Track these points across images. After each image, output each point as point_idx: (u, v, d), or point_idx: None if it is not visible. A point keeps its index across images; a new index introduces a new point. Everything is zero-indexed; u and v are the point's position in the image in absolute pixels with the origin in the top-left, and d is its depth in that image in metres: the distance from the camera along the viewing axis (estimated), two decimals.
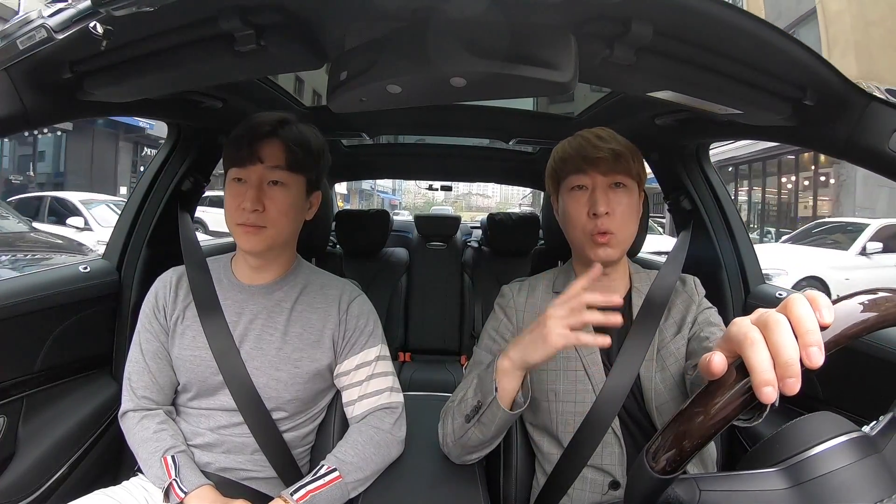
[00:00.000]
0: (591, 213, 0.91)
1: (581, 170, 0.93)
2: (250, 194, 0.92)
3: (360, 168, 2.67)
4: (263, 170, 0.93)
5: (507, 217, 2.53)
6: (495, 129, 1.91)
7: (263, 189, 0.93)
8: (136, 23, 0.63)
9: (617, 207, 0.92)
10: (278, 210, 0.94)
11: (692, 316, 0.96)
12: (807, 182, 12.04)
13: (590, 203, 0.92)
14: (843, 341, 0.41)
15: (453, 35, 0.63)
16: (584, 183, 0.93)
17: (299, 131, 0.97)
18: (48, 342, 1.16)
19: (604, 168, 0.92)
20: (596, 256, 0.93)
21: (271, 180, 0.94)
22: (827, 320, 0.40)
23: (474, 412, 0.85)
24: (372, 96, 0.72)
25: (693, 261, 1.15)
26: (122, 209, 1.44)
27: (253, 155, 0.92)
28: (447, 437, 0.94)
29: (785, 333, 0.40)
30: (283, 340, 0.97)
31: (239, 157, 0.93)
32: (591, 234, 0.92)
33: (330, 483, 0.88)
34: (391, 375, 1.02)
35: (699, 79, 0.76)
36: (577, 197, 0.94)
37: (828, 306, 0.41)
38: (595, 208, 0.91)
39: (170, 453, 0.92)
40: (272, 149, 0.93)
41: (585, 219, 0.92)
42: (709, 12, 0.63)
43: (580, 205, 0.93)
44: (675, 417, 0.47)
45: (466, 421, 0.87)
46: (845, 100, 0.76)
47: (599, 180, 0.92)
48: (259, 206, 0.92)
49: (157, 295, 1.02)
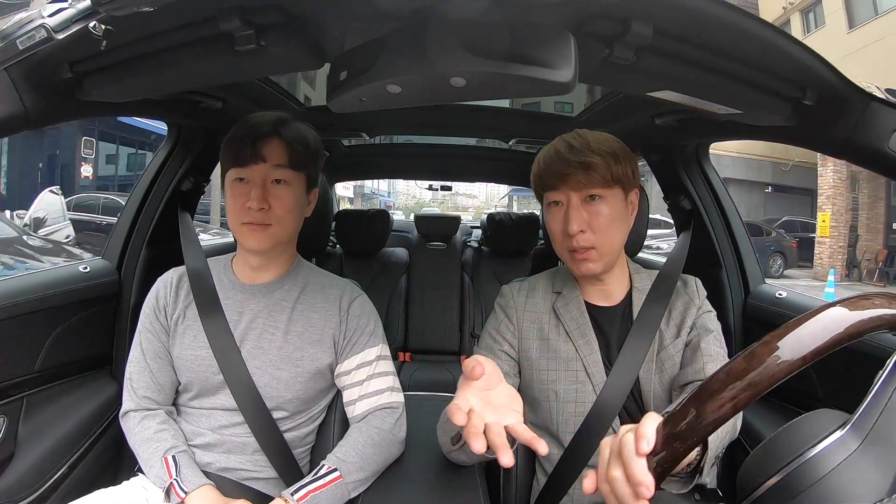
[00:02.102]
0: (566, 231, 0.90)
1: (554, 186, 0.91)
2: (256, 193, 0.92)
3: (360, 168, 2.67)
4: (267, 168, 0.93)
5: (507, 217, 2.53)
6: (495, 129, 1.90)
7: (267, 187, 0.94)
8: (136, 23, 0.62)
9: (594, 221, 0.89)
10: (283, 208, 0.95)
11: (691, 319, 0.95)
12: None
13: (563, 221, 0.90)
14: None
15: (453, 35, 0.63)
16: (558, 199, 0.91)
17: (298, 129, 0.98)
18: (48, 342, 1.16)
19: (574, 183, 0.89)
20: (578, 272, 0.93)
21: (275, 179, 0.94)
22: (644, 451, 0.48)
23: (458, 438, 0.84)
24: (372, 96, 0.72)
25: (693, 261, 1.15)
26: (122, 209, 1.44)
27: (256, 154, 0.93)
28: (441, 445, 0.94)
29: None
30: (284, 340, 0.97)
31: (241, 157, 0.93)
32: (569, 251, 0.91)
33: (330, 483, 0.88)
34: (392, 375, 1.02)
35: (699, 79, 0.76)
36: (553, 213, 0.93)
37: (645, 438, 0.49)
38: (568, 227, 0.89)
39: (170, 453, 0.92)
40: (274, 147, 0.94)
41: (562, 236, 0.91)
42: (709, 12, 0.63)
43: (556, 222, 0.92)
44: (666, 419, 0.47)
45: (452, 444, 0.86)
46: (845, 100, 0.76)
47: (573, 196, 0.90)
48: (265, 205, 0.92)
49: (158, 295, 1.02)
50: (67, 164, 11.13)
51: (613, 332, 0.96)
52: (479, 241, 2.82)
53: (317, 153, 1.02)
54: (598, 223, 0.89)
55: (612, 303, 0.98)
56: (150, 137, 11.95)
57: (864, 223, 10.58)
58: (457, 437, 0.84)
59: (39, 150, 11.37)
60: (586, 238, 0.89)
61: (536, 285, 1.04)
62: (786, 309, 1.26)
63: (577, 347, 0.95)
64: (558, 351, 0.95)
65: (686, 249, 1.17)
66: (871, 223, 10.56)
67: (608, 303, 0.98)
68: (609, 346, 0.96)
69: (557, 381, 0.95)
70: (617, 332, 0.96)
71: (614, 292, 0.98)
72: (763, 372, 0.43)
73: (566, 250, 0.92)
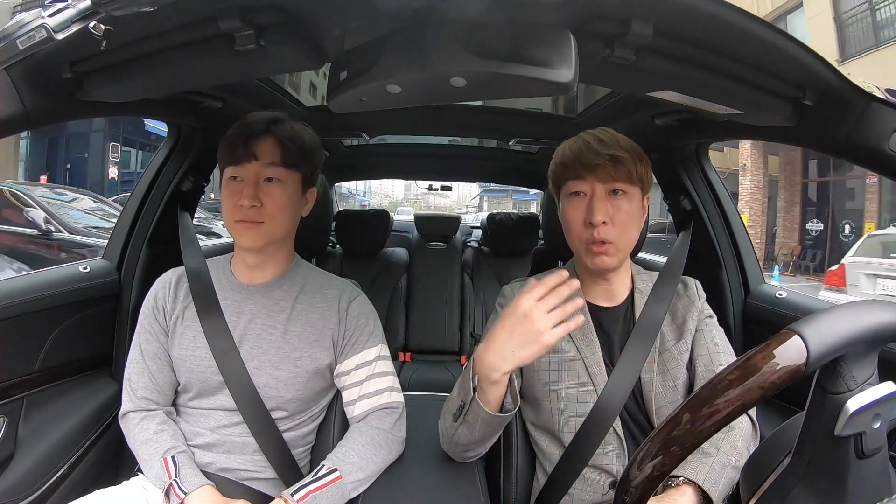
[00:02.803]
0: (588, 222, 0.90)
1: (579, 176, 0.91)
2: (247, 191, 0.93)
3: (360, 168, 2.67)
4: (259, 167, 0.94)
5: (507, 217, 2.53)
6: (495, 130, 1.90)
7: (260, 185, 0.94)
8: (136, 23, 0.63)
9: (616, 215, 0.90)
10: (276, 205, 0.95)
11: (694, 322, 0.96)
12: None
13: (587, 211, 0.90)
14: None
15: (453, 35, 0.63)
16: (582, 189, 0.92)
17: (292, 128, 0.98)
18: (48, 342, 1.16)
19: (602, 175, 0.90)
20: (593, 265, 0.92)
21: (267, 177, 0.95)
22: None
23: (459, 411, 0.85)
24: (372, 96, 0.72)
25: (693, 261, 1.15)
26: (122, 209, 1.44)
27: (248, 153, 0.93)
28: (442, 434, 0.94)
29: None
30: (283, 339, 0.98)
31: (234, 156, 0.94)
32: (587, 243, 0.91)
33: (330, 483, 0.88)
34: (391, 375, 1.02)
35: (699, 79, 0.76)
36: (574, 204, 0.93)
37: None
38: (592, 217, 0.89)
39: (170, 454, 0.92)
40: (267, 146, 0.94)
41: (582, 227, 0.91)
42: (709, 12, 0.63)
43: (577, 212, 0.92)
44: (662, 425, 0.47)
45: (454, 420, 0.87)
46: (845, 100, 0.76)
47: (598, 187, 0.91)
48: (256, 202, 0.93)
49: (157, 296, 1.02)
50: (95, 165, 12.41)
51: (616, 332, 0.97)
52: (480, 241, 2.82)
53: (312, 152, 1.02)
54: (619, 218, 0.90)
55: (614, 303, 0.98)
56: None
57: (782, 223, 12.03)
58: (458, 410, 0.85)
59: (64, 152, 12.65)
60: (607, 231, 0.90)
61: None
62: (786, 309, 1.26)
63: (578, 348, 0.95)
64: (560, 351, 0.95)
65: (686, 249, 1.17)
66: (787, 223, 11.99)
67: (610, 303, 0.98)
68: (611, 347, 0.96)
69: (559, 382, 0.95)
70: (619, 333, 0.96)
71: (617, 292, 0.99)
72: (757, 380, 0.43)
73: (584, 242, 0.92)
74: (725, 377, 0.44)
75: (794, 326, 0.44)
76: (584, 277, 0.99)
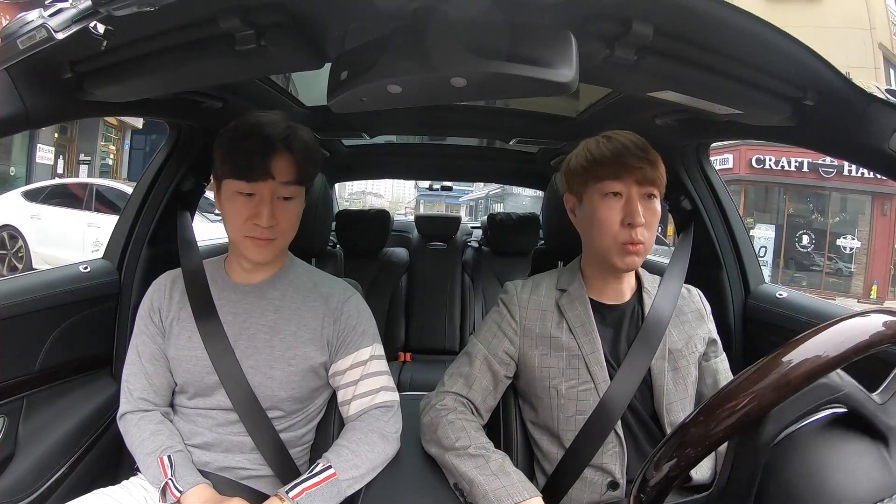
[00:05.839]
0: (628, 222, 0.90)
1: (618, 176, 0.91)
2: (266, 211, 0.91)
3: (360, 168, 2.67)
4: (276, 185, 0.92)
5: (508, 217, 2.53)
6: (496, 129, 1.90)
7: (275, 203, 0.92)
8: (137, 23, 0.63)
9: (649, 217, 0.92)
10: (289, 222, 0.95)
11: (704, 332, 0.99)
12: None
13: (625, 212, 0.91)
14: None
15: (453, 35, 0.63)
16: (618, 190, 0.92)
17: (304, 141, 0.95)
18: (48, 342, 1.16)
19: (640, 177, 0.90)
20: (623, 264, 0.93)
21: (283, 196, 0.93)
22: None
23: (461, 494, 0.88)
24: (372, 96, 0.72)
25: (693, 261, 1.15)
26: (122, 209, 1.44)
27: (265, 171, 0.91)
28: (428, 443, 0.96)
29: None
30: (277, 339, 0.98)
31: (249, 173, 0.91)
32: (622, 244, 0.91)
33: (325, 480, 0.88)
34: (385, 374, 1.02)
35: (699, 79, 0.76)
36: (610, 204, 0.92)
37: None
38: (633, 219, 0.90)
39: (166, 453, 0.92)
40: (284, 164, 0.92)
41: (618, 227, 0.91)
42: (709, 12, 0.63)
43: (614, 212, 0.92)
44: (678, 428, 0.48)
45: (450, 457, 0.90)
46: (845, 100, 0.76)
47: (634, 189, 0.91)
48: (273, 222, 0.92)
49: (153, 298, 1.02)
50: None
51: (622, 329, 0.97)
52: (480, 242, 2.82)
53: (319, 163, 1.01)
54: (651, 220, 0.92)
55: (620, 301, 0.99)
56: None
57: None
58: (461, 494, 0.88)
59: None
60: (642, 232, 0.91)
61: (541, 283, 1.04)
62: (786, 309, 1.26)
63: (579, 344, 0.95)
64: (561, 347, 0.95)
65: (689, 249, 1.17)
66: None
67: (617, 301, 0.99)
68: (616, 344, 0.96)
69: (559, 378, 0.95)
70: (626, 330, 0.97)
71: (624, 291, 1.00)
72: (773, 384, 0.43)
73: (618, 242, 0.92)
74: (744, 379, 0.45)
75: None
76: (595, 276, 0.99)
